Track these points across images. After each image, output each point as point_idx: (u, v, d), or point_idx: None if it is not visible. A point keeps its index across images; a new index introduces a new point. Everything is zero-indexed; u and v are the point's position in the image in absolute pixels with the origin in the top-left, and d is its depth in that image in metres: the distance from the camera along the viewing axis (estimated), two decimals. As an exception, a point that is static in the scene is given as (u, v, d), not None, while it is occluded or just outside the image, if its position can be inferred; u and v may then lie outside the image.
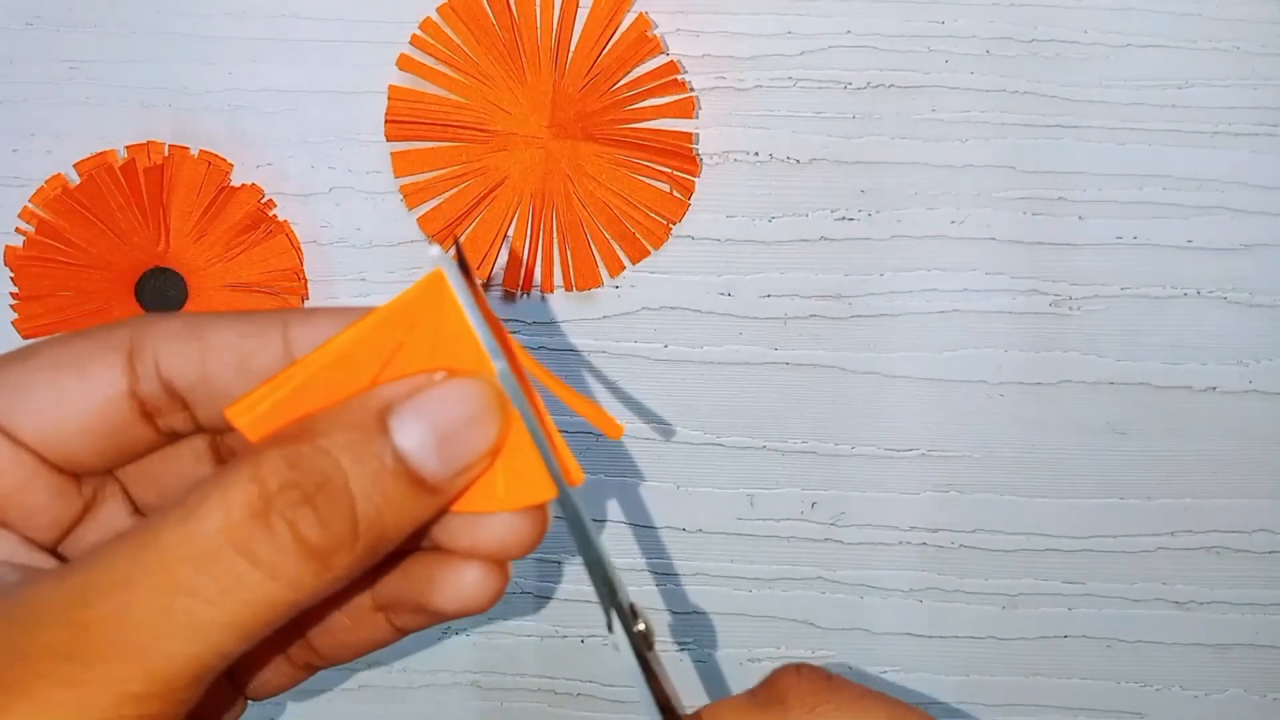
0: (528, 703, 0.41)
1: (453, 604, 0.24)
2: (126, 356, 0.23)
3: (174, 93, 0.38)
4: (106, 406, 0.23)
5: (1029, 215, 0.38)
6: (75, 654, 0.19)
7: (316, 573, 0.20)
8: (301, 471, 0.20)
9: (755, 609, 0.41)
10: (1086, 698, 0.41)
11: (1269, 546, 0.40)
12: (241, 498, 0.20)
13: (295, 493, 0.20)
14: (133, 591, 0.20)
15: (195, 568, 0.20)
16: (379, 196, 0.39)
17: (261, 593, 0.20)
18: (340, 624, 0.26)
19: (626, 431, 0.40)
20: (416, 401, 0.21)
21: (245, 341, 0.23)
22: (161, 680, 0.20)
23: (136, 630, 0.19)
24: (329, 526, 0.20)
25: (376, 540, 0.21)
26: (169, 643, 0.19)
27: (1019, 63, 0.37)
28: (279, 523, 0.20)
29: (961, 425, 0.39)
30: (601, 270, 0.38)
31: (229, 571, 0.20)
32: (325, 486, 0.20)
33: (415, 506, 0.22)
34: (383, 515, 0.21)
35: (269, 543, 0.20)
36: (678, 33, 0.37)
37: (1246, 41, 0.37)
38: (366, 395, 0.22)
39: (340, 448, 0.21)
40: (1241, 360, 0.39)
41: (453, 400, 0.22)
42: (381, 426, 0.21)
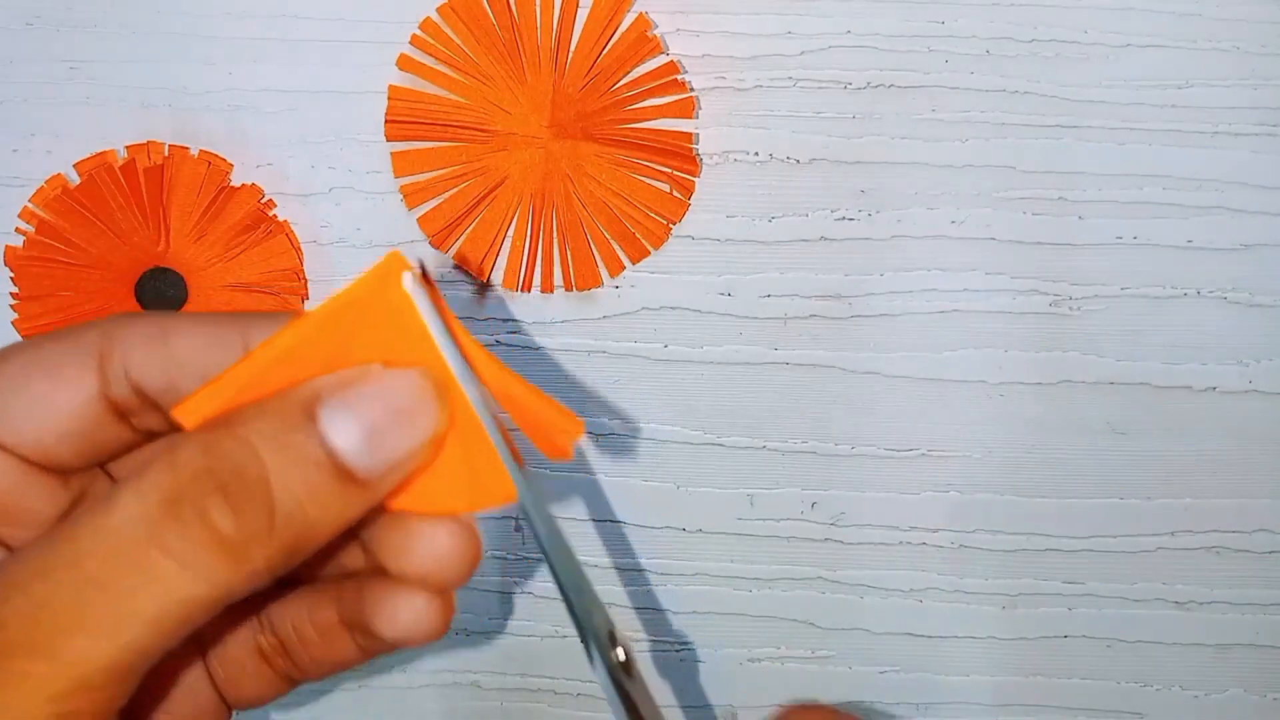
0: (528, 703, 0.41)
1: (390, 631, 0.23)
2: (97, 359, 0.23)
3: (174, 93, 0.38)
4: (80, 408, 0.23)
5: (1029, 215, 0.38)
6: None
7: (231, 566, 0.20)
8: (216, 459, 0.20)
9: (755, 609, 0.41)
10: (1086, 698, 0.41)
11: (1269, 546, 0.40)
12: (156, 488, 0.20)
13: (208, 480, 0.20)
14: (45, 584, 0.19)
15: (107, 560, 0.19)
16: (379, 196, 0.39)
17: (174, 586, 0.19)
18: (310, 638, 0.25)
19: (626, 432, 0.40)
20: (346, 393, 0.21)
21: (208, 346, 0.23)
22: (77, 678, 0.19)
23: (48, 626, 0.19)
24: (242, 516, 0.20)
25: (297, 535, 0.20)
26: (81, 639, 0.19)
27: (1019, 63, 0.37)
28: (189, 511, 0.19)
29: (961, 425, 0.39)
30: (601, 270, 0.38)
31: (141, 564, 0.19)
32: (239, 475, 0.20)
33: (342, 502, 0.21)
34: (304, 508, 0.20)
35: (180, 533, 0.19)
36: (678, 33, 0.37)
37: (1246, 41, 0.37)
38: (296, 387, 0.21)
39: (260, 436, 0.20)
40: (1241, 360, 0.39)
41: (385, 391, 0.21)
42: (308, 417, 0.20)
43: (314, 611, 0.25)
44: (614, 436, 0.40)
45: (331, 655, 0.25)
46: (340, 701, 0.42)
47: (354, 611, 0.24)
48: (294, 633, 0.25)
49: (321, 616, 0.25)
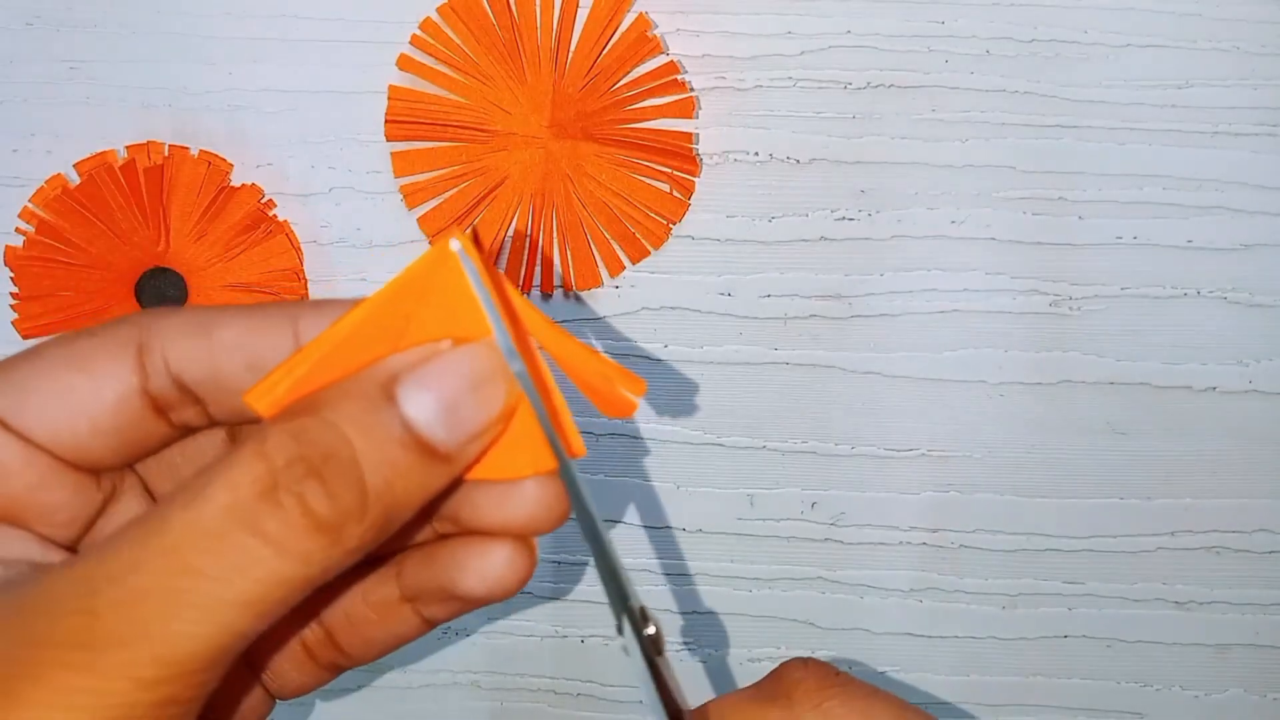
0: (528, 703, 0.41)
1: (481, 587, 0.24)
2: (135, 353, 0.23)
3: (174, 93, 0.38)
4: (117, 403, 0.23)
5: (1029, 215, 0.38)
6: (86, 641, 0.19)
7: (327, 546, 0.20)
8: (307, 445, 0.20)
9: (755, 609, 0.41)
10: (1086, 698, 0.41)
11: (1269, 546, 0.40)
12: (248, 475, 0.20)
13: (301, 466, 0.20)
14: (141, 576, 0.19)
15: (203, 548, 0.20)
16: (379, 196, 0.39)
17: (272, 569, 0.20)
18: (366, 619, 0.25)
19: (626, 432, 0.40)
20: (422, 371, 0.21)
21: (255, 338, 0.23)
22: (174, 664, 0.19)
23: (146, 615, 0.19)
24: (337, 499, 0.20)
25: (387, 512, 0.21)
26: (179, 625, 0.19)
27: (1019, 63, 0.37)
28: (286, 497, 0.20)
29: (961, 425, 0.39)
30: (601, 270, 0.38)
31: (237, 549, 0.20)
32: (332, 459, 0.20)
33: (426, 476, 0.21)
34: (392, 486, 0.21)
35: (277, 518, 0.20)
36: (678, 33, 0.37)
37: (1246, 41, 0.37)
38: (372, 368, 0.22)
39: (346, 420, 0.21)
40: (1241, 360, 0.39)
41: (458, 367, 0.22)
42: (388, 397, 0.21)
43: (369, 592, 0.25)
44: (614, 436, 0.40)
45: (389, 632, 0.25)
46: (340, 701, 0.42)
47: (426, 580, 0.24)
48: (345, 617, 0.25)
49: (379, 595, 0.25)
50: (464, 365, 0.22)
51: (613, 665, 0.41)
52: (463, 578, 0.24)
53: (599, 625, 0.41)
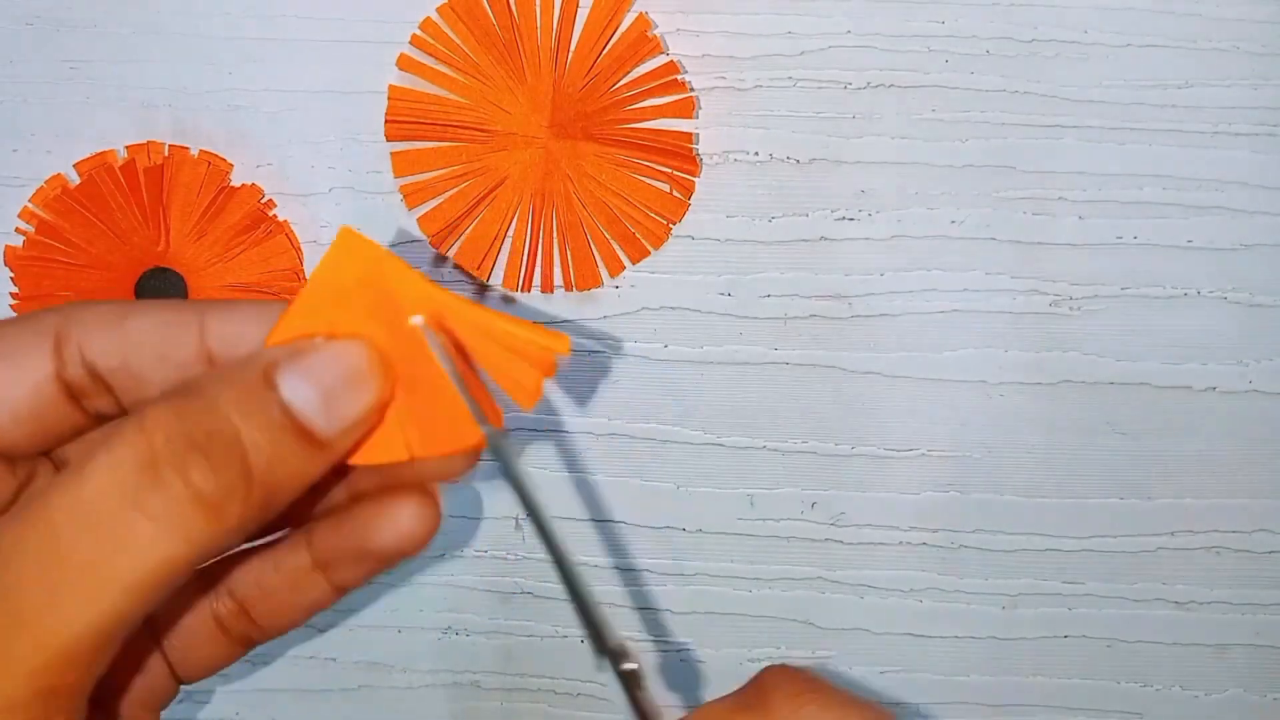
0: (527, 703, 0.41)
1: (393, 541, 0.24)
2: (54, 342, 0.23)
3: (174, 93, 0.38)
4: (34, 391, 0.23)
5: (1029, 215, 0.38)
6: None
7: (209, 524, 0.20)
8: (189, 422, 0.20)
9: (755, 609, 0.41)
10: (1086, 698, 0.41)
11: (1269, 546, 0.40)
12: (129, 452, 0.20)
13: (183, 442, 0.20)
14: (22, 561, 0.19)
15: (83, 529, 0.19)
16: (379, 196, 0.39)
17: (154, 549, 0.20)
18: (277, 588, 0.26)
19: (626, 432, 0.40)
20: (300, 360, 0.22)
21: (164, 330, 0.24)
22: (58, 651, 0.19)
23: (25, 602, 0.19)
24: (221, 474, 0.20)
25: (270, 493, 0.21)
26: (62, 612, 0.19)
27: (1019, 63, 0.37)
28: (169, 473, 0.20)
29: (961, 425, 0.39)
30: (601, 270, 0.38)
31: (119, 529, 0.20)
32: (215, 435, 0.20)
33: (306, 461, 0.22)
34: (274, 468, 0.21)
35: (160, 494, 0.20)
36: (678, 33, 0.37)
37: (1246, 41, 0.37)
38: (251, 356, 0.22)
39: (227, 401, 0.21)
40: (1242, 360, 0.39)
41: (333, 361, 0.22)
42: (268, 383, 0.21)
43: (280, 561, 0.26)
44: (614, 436, 0.40)
45: (301, 601, 0.26)
46: (340, 702, 0.42)
47: (337, 543, 0.25)
48: (257, 588, 0.26)
49: (290, 563, 0.25)
50: (338, 359, 0.22)
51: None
52: (374, 535, 0.24)
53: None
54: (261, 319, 0.24)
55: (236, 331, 0.24)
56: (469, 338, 0.23)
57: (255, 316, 0.24)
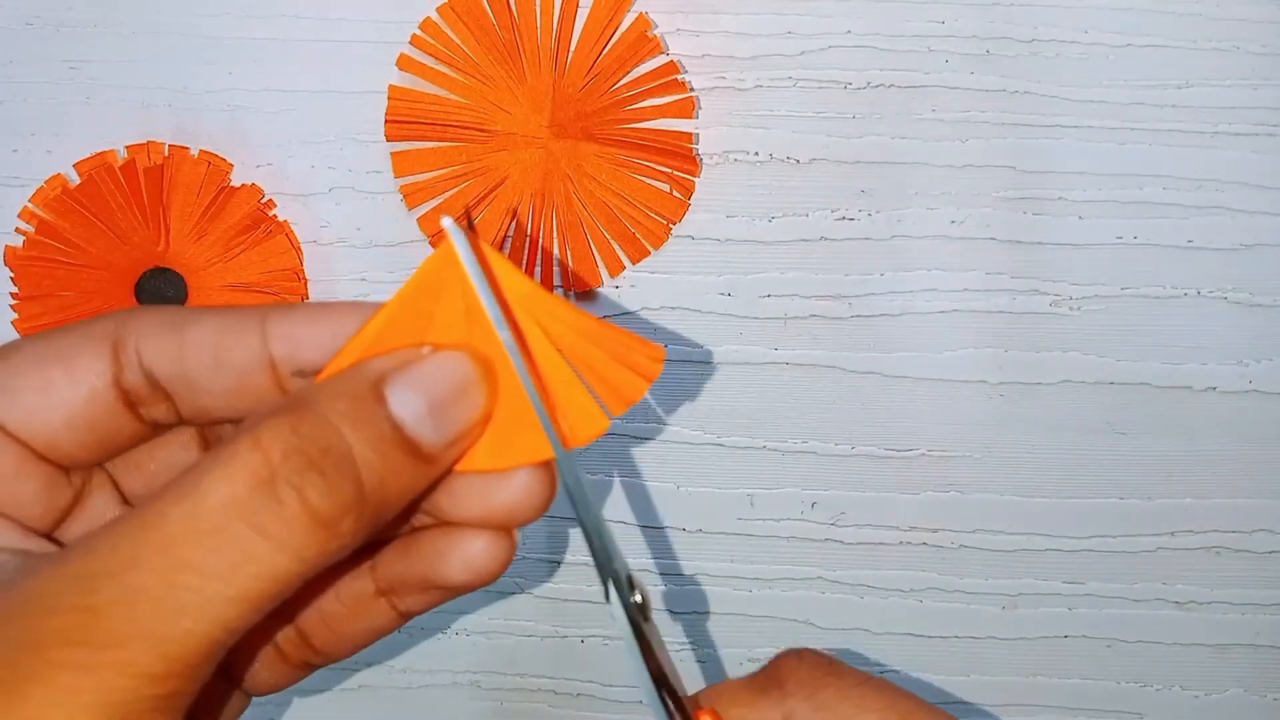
0: (527, 703, 0.41)
1: (462, 575, 0.24)
2: (111, 348, 0.23)
3: (174, 93, 0.38)
4: (91, 398, 0.23)
5: (1029, 215, 0.38)
6: (87, 639, 0.19)
7: (323, 541, 0.20)
8: (304, 438, 0.20)
9: (755, 609, 0.41)
10: (1086, 698, 0.41)
11: (1269, 546, 0.40)
12: (245, 469, 0.20)
13: (300, 459, 0.20)
14: (140, 573, 0.20)
15: (201, 544, 0.20)
16: (379, 196, 0.39)
17: (269, 564, 0.20)
18: (339, 614, 0.25)
19: (626, 432, 0.40)
20: (407, 373, 0.22)
21: (223, 336, 0.23)
22: (177, 659, 0.19)
23: (147, 612, 0.19)
24: (336, 493, 0.20)
25: (379, 507, 0.21)
26: (180, 622, 0.19)
27: (1019, 62, 0.37)
28: (287, 491, 0.20)
29: (962, 425, 0.39)
30: (601, 270, 0.38)
31: (236, 545, 0.20)
32: (329, 452, 0.20)
33: (413, 475, 0.22)
34: (384, 482, 0.21)
35: (275, 512, 0.20)
36: (678, 32, 0.37)
37: (1247, 41, 0.37)
38: (358, 367, 0.22)
39: (339, 415, 0.21)
40: (1242, 360, 0.39)
41: (440, 373, 0.22)
42: (377, 396, 0.21)
43: (343, 588, 0.25)
44: (614, 436, 0.40)
45: (363, 627, 0.26)
46: (340, 702, 0.42)
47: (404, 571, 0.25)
48: (318, 614, 0.25)
49: (353, 590, 0.25)
50: (447, 369, 0.22)
51: (612, 665, 0.41)
52: (445, 566, 0.24)
53: (598, 626, 0.41)
54: (325, 320, 0.23)
55: (299, 333, 0.23)
56: (570, 340, 0.23)
57: (318, 318, 0.23)
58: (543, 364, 0.23)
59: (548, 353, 0.23)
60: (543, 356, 0.23)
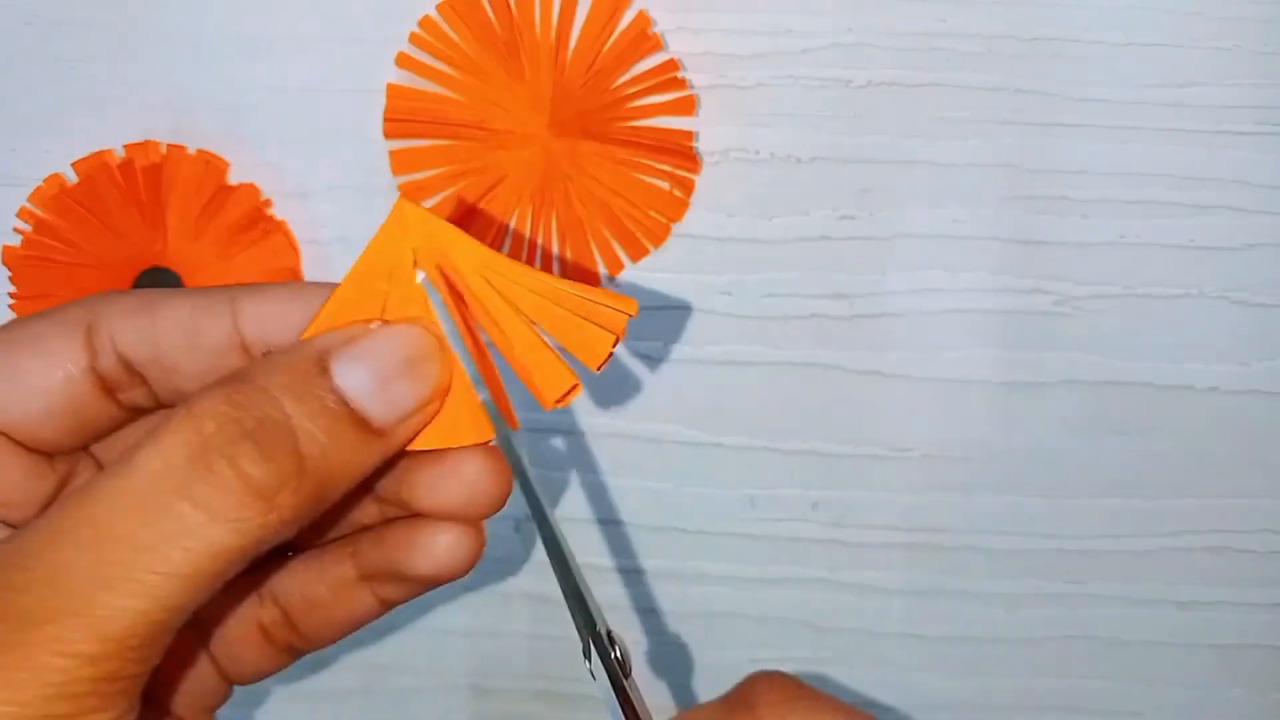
0: (526, 704, 0.41)
1: (427, 567, 0.24)
2: (85, 334, 0.23)
3: (172, 91, 0.38)
4: (67, 384, 0.23)
5: (1031, 214, 0.38)
6: (12, 616, 0.19)
7: (261, 513, 0.20)
8: (239, 409, 0.20)
9: (756, 610, 0.41)
10: (1088, 698, 0.41)
11: (1271, 547, 0.40)
12: (178, 440, 0.20)
13: (234, 429, 0.20)
14: (67, 549, 0.19)
15: (131, 517, 0.19)
16: (378, 195, 0.38)
17: (204, 538, 0.19)
18: (323, 600, 0.25)
19: (626, 432, 0.40)
20: (355, 346, 0.22)
21: (194, 317, 0.23)
22: (111, 638, 0.19)
23: (76, 588, 0.19)
24: (272, 461, 0.20)
25: (321, 482, 0.21)
26: (111, 599, 0.19)
27: (1021, 61, 0.37)
28: (218, 461, 0.20)
29: (963, 425, 0.39)
30: (601, 269, 0.38)
31: (168, 516, 0.19)
32: (265, 422, 0.20)
33: (360, 450, 0.21)
34: (327, 455, 0.21)
35: (209, 482, 0.20)
36: (678, 30, 0.37)
37: (1249, 40, 0.37)
38: (303, 342, 0.22)
39: (279, 388, 0.21)
40: (1244, 360, 0.39)
41: (390, 345, 0.22)
42: (322, 369, 0.21)
43: (325, 572, 0.25)
44: (614, 437, 0.40)
45: (345, 613, 0.25)
46: (339, 704, 0.42)
47: (378, 560, 0.24)
48: (302, 599, 0.25)
49: (334, 575, 0.25)
50: (396, 342, 0.22)
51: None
52: (411, 558, 0.24)
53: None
54: (295, 300, 0.23)
55: (269, 313, 0.23)
56: (533, 304, 0.23)
57: (289, 298, 0.23)
58: (507, 330, 0.23)
59: (509, 318, 0.23)
60: (505, 322, 0.23)
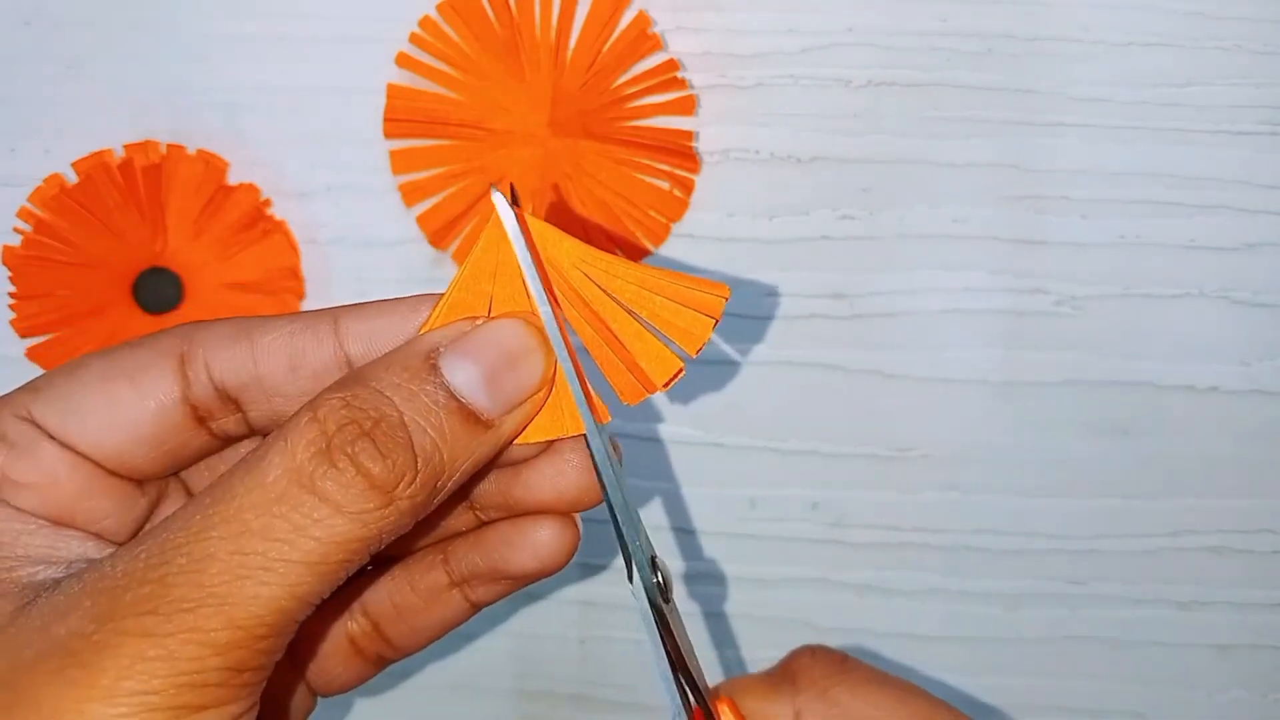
0: (527, 704, 0.41)
1: (532, 563, 0.25)
2: (178, 363, 0.24)
3: (172, 91, 0.38)
4: (160, 413, 0.24)
5: (1031, 214, 0.38)
6: (156, 608, 0.20)
7: (381, 506, 0.21)
8: (357, 410, 0.21)
9: (756, 610, 0.40)
10: (1088, 698, 0.41)
11: (1272, 547, 0.40)
12: (303, 440, 0.21)
13: (353, 429, 0.21)
14: (208, 543, 0.20)
15: (264, 511, 0.20)
16: (377, 195, 0.38)
17: (329, 528, 0.21)
18: (413, 607, 0.27)
19: (627, 432, 0.40)
20: (461, 343, 0.23)
21: (296, 340, 0.24)
22: (243, 626, 0.20)
23: (213, 579, 0.20)
24: (390, 457, 0.21)
25: (436, 474, 0.22)
26: (246, 587, 0.20)
27: (1021, 60, 0.37)
28: (341, 458, 0.21)
29: (963, 425, 0.39)
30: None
31: (297, 510, 0.21)
32: (382, 422, 0.21)
33: (471, 442, 0.22)
34: (439, 449, 0.22)
35: (333, 478, 0.21)
36: (678, 30, 0.37)
37: (1249, 40, 0.37)
38: (412, 341, 0.23)
39: (391, 387, 0.22)
40: (1244, 360, 0.38)
41: (495, 340, 0.23)
42: (430, 367, 0.22)
43: (415, 580, 0.27)
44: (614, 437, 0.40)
45: (436, 619, 0.27)
46: (338, 704, 0.42)
47: (476, 562, 0.26)
48: (392, 607, 0.27)
49: (426, 582, 0.27)
50: (500, 336, 0.23)
51: (612, 667, 0.41)
52: (514, 555, 0.25)
53: (598, 626, 0.41)
54: (396, 313, 0.24)
55: (375, 329, 0.24)
56: (633, 293, 0.24)
57: (390, 312, 0.24)
58: (610, 320, 0.24)
59: (611, 309, 0.24)
60: (608, 313, 0.24)
